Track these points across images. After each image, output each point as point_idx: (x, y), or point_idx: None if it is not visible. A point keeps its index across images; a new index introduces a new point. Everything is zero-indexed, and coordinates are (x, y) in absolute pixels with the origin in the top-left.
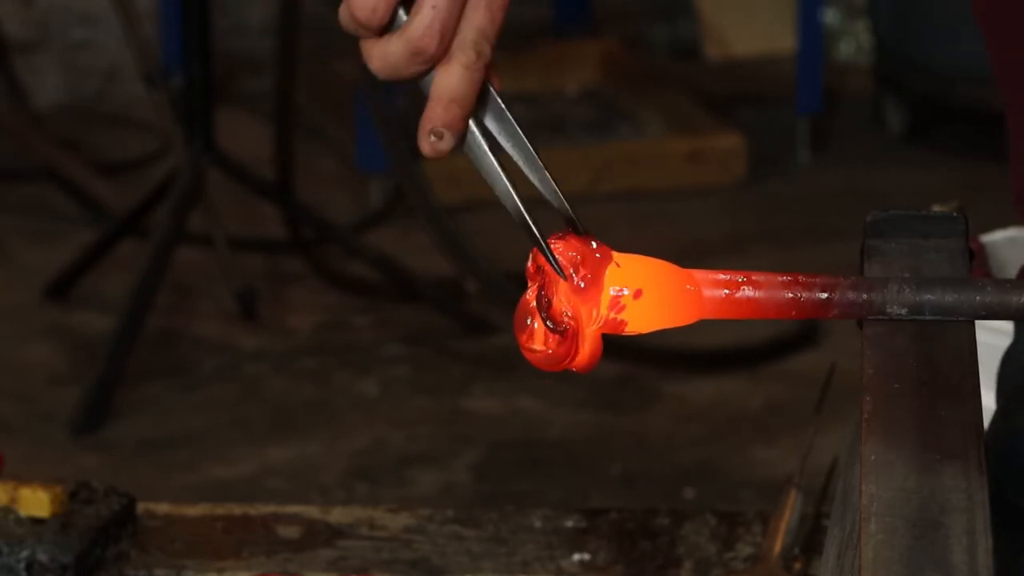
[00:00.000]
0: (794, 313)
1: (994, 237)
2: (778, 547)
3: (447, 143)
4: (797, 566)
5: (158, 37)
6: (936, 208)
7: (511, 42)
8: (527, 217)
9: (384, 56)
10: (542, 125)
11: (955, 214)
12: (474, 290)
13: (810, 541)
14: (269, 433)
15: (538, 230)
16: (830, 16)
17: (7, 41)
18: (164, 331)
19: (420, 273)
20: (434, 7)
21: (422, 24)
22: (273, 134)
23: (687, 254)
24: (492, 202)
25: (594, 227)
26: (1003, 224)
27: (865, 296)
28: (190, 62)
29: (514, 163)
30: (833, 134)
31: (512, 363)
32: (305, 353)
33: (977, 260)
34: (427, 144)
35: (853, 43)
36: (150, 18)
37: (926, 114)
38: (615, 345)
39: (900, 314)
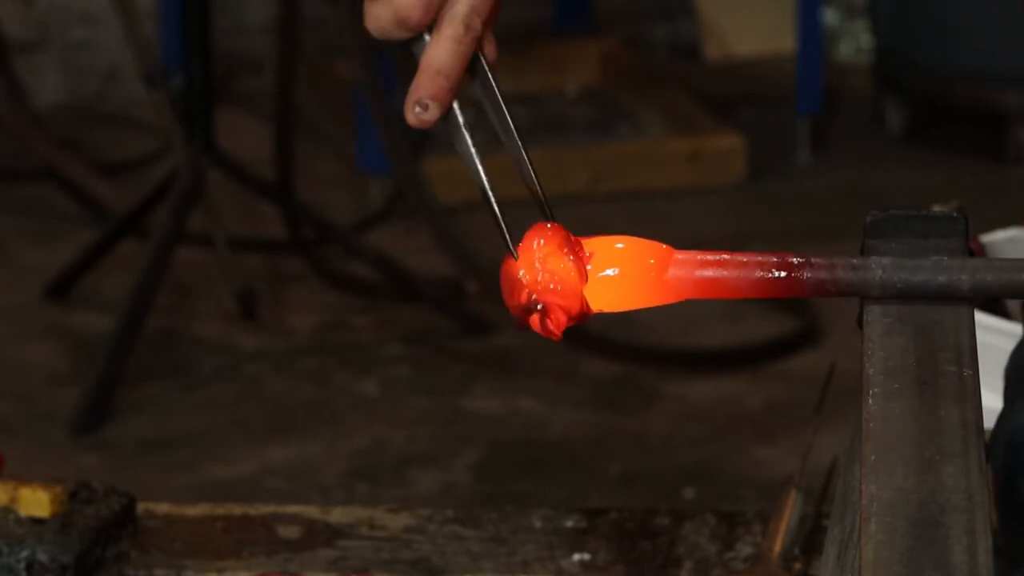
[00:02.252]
0: (771, 292)
1: (994, 237)
2: (778, 547)
3: (431, 114)
4: (797, 566)
5: (158, 37)
6: (936, 208)
7: (511, 42)
8: (491, 196)
9: (376, 18)
10: (542, 125)
11: (955, 214)
12: (474, 290)
13: (810, 541)
14: (269, 433)
15: (500, 212)
16: (830, 16)
17: (7, 41)
18: (164, 331)
19: (420, 273)
20: None
21: None
22: (273, 134)
23: None
24: None
25: (594, 227)
26: (1003, 224)
27: (845, 274)
28: (190, 62)
29: (497, 134)
30: (833, 134)
31: (512, 363)
32: (305, 353)
33: None
34: (412, 115)
35: (853, 43)
36: (150, 18)
37: (926, 114)
38: (616, 345)
39: (879, 292)
